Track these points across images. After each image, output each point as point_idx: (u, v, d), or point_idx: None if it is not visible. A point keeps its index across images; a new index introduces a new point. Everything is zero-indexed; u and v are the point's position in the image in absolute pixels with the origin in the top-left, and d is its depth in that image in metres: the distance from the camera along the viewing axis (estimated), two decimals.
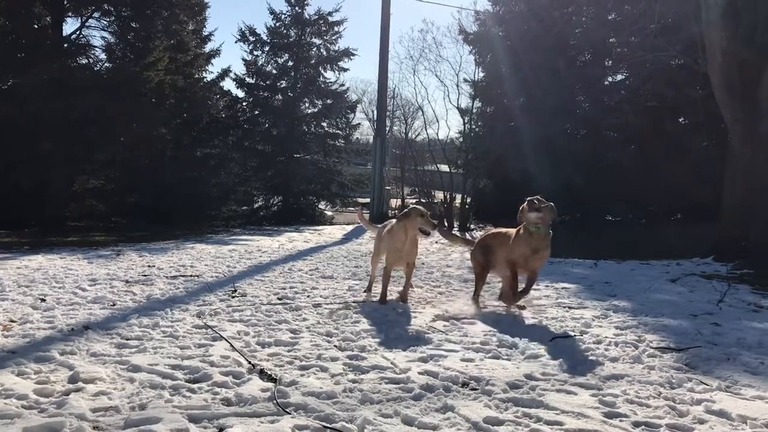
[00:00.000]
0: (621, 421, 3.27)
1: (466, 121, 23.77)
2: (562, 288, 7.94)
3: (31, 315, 5.37)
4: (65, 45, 18.26)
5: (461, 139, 24.93)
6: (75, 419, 3.05)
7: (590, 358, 4.53)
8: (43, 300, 6.10)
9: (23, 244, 12.25)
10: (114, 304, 6.05)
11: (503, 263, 6.34)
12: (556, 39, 18.50)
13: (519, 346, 4.77)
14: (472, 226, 19.29)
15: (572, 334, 5.28)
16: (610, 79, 20.86)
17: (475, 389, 3.73)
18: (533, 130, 18.16)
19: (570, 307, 6.58)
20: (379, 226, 7.63)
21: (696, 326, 5.68)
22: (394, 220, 6.82)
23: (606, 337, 5.15)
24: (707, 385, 3.90)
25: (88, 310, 5.69)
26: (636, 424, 3.22)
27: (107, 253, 10.68)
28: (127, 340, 4.67)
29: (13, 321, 5.11)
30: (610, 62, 20.39)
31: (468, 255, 7.58)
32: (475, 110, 23.76)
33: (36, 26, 17.56)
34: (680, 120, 19.41)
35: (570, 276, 9.16)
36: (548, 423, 3.21)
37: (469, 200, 21.43)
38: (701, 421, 3.28)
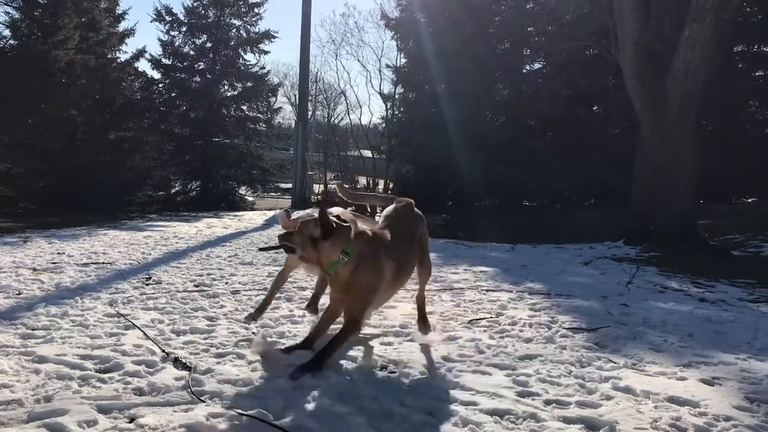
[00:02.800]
0: (533, 399, 3.36)
1: (388, 106, 23.95)
2: (480, 271, 8.10)
3: None
4: None
5: (384, 125, 25.07)
6: None
7: (505, 339, 4.63)
8: None
9: None
10: (20, 293, 5.76)
11: None
12: (477, 26, 18.79)
13: (437, 329, 4.83)
14: None
15: (488, 316, 5.39)
16: (528, 67, 21.37)
17: (394, 372, 3.75)
18: (455, 116, 18.42)
19: (487, 290, 6.71)
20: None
21: (606, 307, 5.92)
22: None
23: (521, 318, 5.28)
24: (615, 363, 4.06)
25: None
26: (547, 402, 3.32)
27: (14, 240, 10.16)
28: (33, 330, 4.45)
29: None
30: (528, 51, 20.89)
31: None
32: (397, 96, 23.93)
33: None
34: (594, 108, 20.13)
35: (488, 259, 9.36)
36: (463, 404, 3.26)
37: (392, 185, 21.57)
38: (608, 398, 3.41)
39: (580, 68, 17.83)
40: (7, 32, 18.24)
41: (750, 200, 20.77)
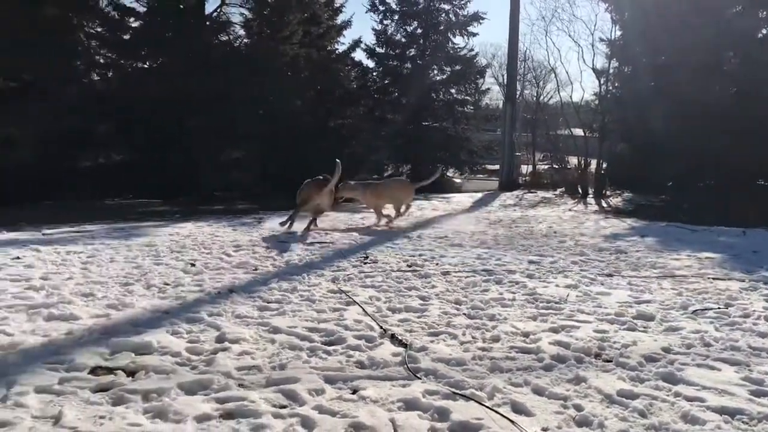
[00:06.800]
0: None
1: (601, 82, 22.75)
2: (706, 258, 7.51)
3: (183, 279, 5.76)
4: (207, 23, 19.14)
5: (596, 102, 23.91)
6: (222, 377, 3.27)
7: (736, 332, 4.27)
8: (192, 265, 6.49)
9: (175, 212, 13.14)
10: (256, 269, 6.37)
11: None
12: None
13: (656, 318, 4.58)
14: (608, 192, 18.50)
15: (715, 306, 4.99)
16: (764, 31, 19.13)
17: (609, 361, 3.63)
18: (676, 90, 17.06)
19: (714, 278, 6.21)
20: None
21: None
22: None
23: (755, 310, 4.83)
24: None
25: (232, 275, 6.04)
26: None
27: (249, 221, 11.16)
28: (268, 303, 4.91)
29: (167, 284, 5.52)
30: (766, 13, 18.67)
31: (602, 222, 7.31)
32: (611, 71, 22.66)
33: (181, 6, 18.40)
34: None
35: (715, 245, 8.64)
36: (688, 399, 3.08)
37: (605, 165, 20.62)
38: None
39: None
40: (241, 32, 20.11)
41: None
